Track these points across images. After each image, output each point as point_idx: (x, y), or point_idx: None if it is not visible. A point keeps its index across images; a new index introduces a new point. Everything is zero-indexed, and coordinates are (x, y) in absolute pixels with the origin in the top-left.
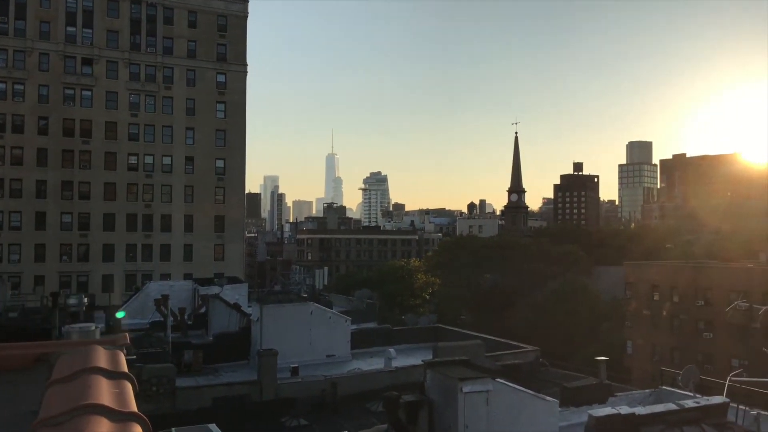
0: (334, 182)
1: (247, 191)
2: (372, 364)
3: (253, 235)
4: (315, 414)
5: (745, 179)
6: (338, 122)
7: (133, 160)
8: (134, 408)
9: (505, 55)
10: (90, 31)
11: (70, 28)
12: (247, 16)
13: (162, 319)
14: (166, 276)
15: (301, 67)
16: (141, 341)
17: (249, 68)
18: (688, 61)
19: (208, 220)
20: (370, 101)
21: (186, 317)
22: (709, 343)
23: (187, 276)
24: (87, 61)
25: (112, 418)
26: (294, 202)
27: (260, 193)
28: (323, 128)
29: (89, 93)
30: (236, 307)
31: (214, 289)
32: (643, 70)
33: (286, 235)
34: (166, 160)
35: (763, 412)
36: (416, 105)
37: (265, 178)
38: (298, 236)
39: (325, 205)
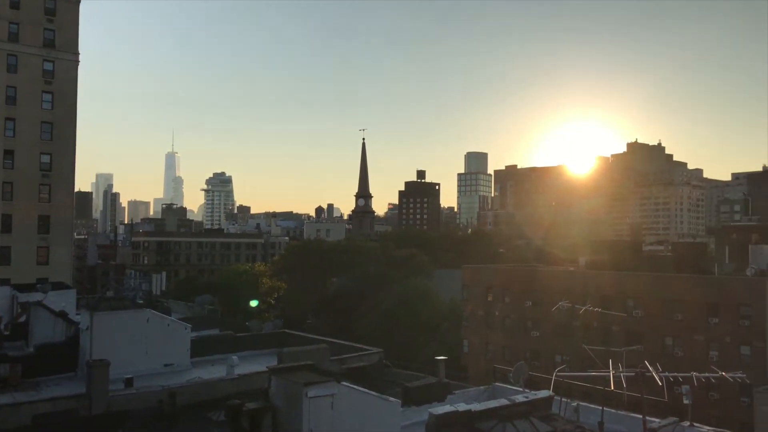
0: (174, 182)
1: (77, 189)
2: (213, 372)
3: (82, 237)
4: (151, 427)
5: (569, 189)
6: (180, 120)
7: None
8: None
9: (355, 61)
10: None
11: None
12: (79, 1)
13: None
14: None
15: (140, 62)
16: None
17: (82, 58)
18: (520, 76)
19: (30, 220)
20: (215, 100)
21: (2, 327)
22: (536, 340)
23: (5, 282)
24: None
25: None
26: (129, 203)
27: (92, 192)
28: (163, 125)
29: None
30: (62, 315)
31: (37, 296)
32: (480, 82)
33: (120, 237)
34: None
35: (582, 404)
36: (264, 106)
37: (98, 176)
38: (134, 239)
39: (164, 206)
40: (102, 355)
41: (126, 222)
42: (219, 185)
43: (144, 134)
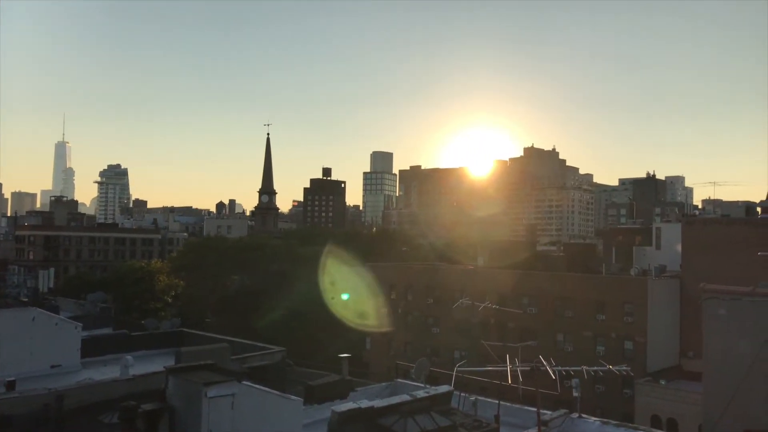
0: (65, 173)
1: None
2: (106, 373)
3: None
4: None
5: (470, 191)
6: (71, 107)
7: None
8: None
9: (260, 54)
10: None
11: None
12: None
13: None
14: None
15: (28, 43)
16: None
17: None
18: (426, 78)
19: None
20: (110, 88)
21: None
22: (437, 337)
23: None
24: None
25: None
26: (13, 194)
27: None
28: (53, 112)
29: None
30: None
31: None
32: (386, 82)
33: (1, 230)
34: None
35: (480, 398)
36: (164, 96)
37: None
38: (18, 232)
39: (53, 198)
40: None
41: (9, 214)
42: (114, 178)
43: (31, 121)
